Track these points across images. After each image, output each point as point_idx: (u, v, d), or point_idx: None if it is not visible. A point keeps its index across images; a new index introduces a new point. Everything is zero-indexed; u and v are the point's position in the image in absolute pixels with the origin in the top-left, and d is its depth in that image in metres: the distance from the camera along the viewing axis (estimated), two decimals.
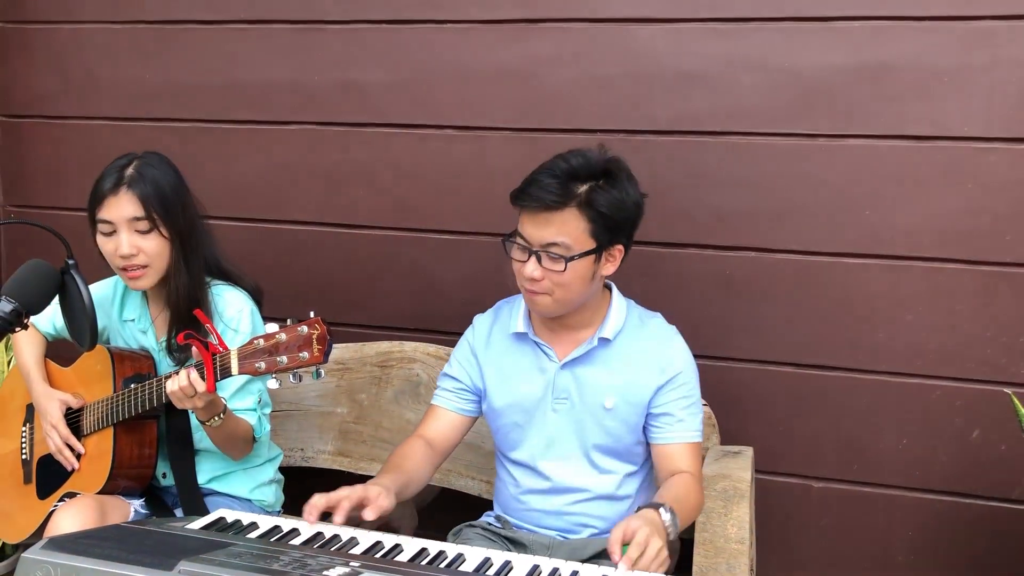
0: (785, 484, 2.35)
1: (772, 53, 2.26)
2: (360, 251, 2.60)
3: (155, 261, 1.97)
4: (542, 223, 1.77)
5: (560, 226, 1.76)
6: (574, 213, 1.76)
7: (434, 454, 1.95)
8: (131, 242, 1.94)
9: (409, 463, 1.88)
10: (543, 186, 1.76)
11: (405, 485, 1.83)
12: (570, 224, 1.76)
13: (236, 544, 1.47)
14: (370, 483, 1.74)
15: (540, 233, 1.77)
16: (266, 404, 2.08)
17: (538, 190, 1.76)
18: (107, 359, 2.01)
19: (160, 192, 1.95)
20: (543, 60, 2.40)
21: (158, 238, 1.95)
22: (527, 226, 1.79)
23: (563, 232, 1.76)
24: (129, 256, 1.95)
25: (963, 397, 2.23)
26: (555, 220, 1.76)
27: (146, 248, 1.95)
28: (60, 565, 1.34)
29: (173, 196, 1.97)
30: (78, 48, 2.79)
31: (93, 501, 1.90)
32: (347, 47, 2.55)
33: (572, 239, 1.76)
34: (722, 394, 2.28)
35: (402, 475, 1.83)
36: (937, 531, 2.27)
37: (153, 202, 1.94)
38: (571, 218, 1.76)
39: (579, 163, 1.79)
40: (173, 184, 1.99)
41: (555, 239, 1.76)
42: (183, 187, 2.02)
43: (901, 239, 2.23)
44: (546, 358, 1.91)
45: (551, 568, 1.52)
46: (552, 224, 1.76)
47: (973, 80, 2.15)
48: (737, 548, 1.86)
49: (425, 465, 1.92)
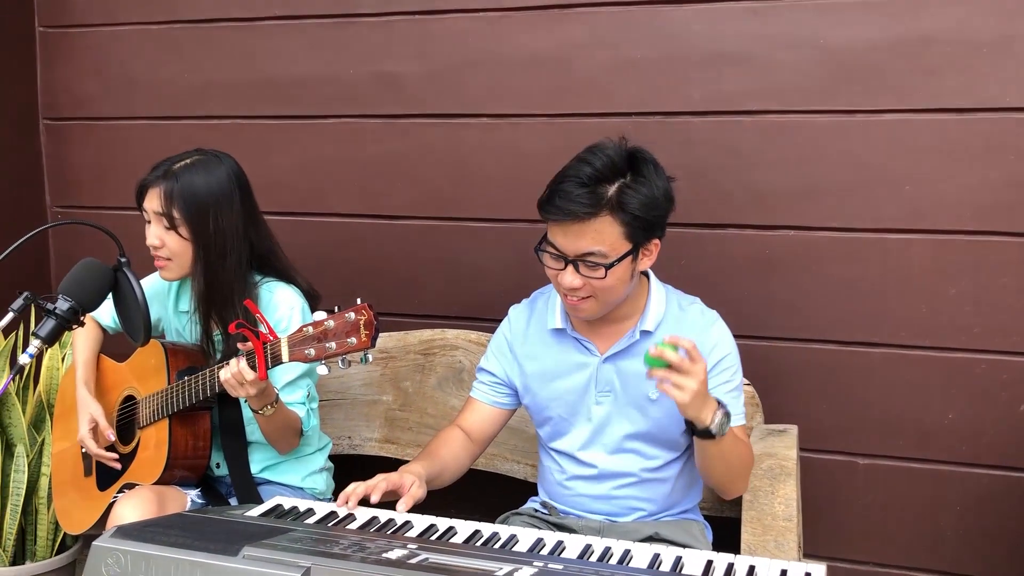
0: (831, 461, 2.35)
1: (807, 30, 2.25)
2: (399, 241, 2.63)
3: (177, 257, 2.01)
4: (575, 234, 1.71)
5: (595, 235, 1.70)
6: (607, 219, 1.70)
7: (472, 444, 1.97)
8: (156, 233, 2.00)
9: (446, 450, 1.91)
10: (571, 197, 1.69)
11: (439, 473, 1.86)
12: (605, 232, 1.70)
13: (296, 530, 1.51)
14: (404, 468, 1.78)
15: (575, 244, 1.71)
16: (314, 399, 2.11)
17: (567, 202, 1.69)
18: (161, 353, 2.06)
19: (188, 195, 1.96)
20: (576, 46, 2.41)
21: (178, 237, 1.99)
22: (559, 236, 1.73)
23: (598, 241, 1.70)
24: (154, 247, 2.00)
25: (1009, 370, 2.21)
26: (588, 230, 1.70)
27: (168, 243, 1.99)
28: (130, 552, 1.38)
29: (205, 202, 1.97)
30: (116, 50, 2.84)
31: (152, 492, 1.95)
32: (381, 39, 2.57)
33: (608, 246, 1.71)
34: (765, 373, 2.29)
35: (437, 462, 1.86)
36: (986, 505, 2.26)
37: (177, 203, 1.96)
38: (605, 225, 1.70)
39: (603, 163, 1.72)
40: (212, 190, 1.98)
41: (591, 248, 1.71)
42: (227, 195, 1.99)
43: (942, 213, 2.21)
44: (587, 352, 1.90)
45: (603, 547, 1.55)
46: (586, 234, 1.70)
47: (1013, 50, 2.12)
48: (785, 526, 1.86)
49: (462, 455, 1.94)
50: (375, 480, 1.72)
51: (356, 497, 1.70)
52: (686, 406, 1.65)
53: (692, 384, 1.62)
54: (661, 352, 1.62)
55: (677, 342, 1.63)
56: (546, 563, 1.41)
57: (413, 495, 1.71)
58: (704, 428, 1.69)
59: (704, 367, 1.65)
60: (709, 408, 1.68)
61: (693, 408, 1.66)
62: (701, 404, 1.66)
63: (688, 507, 1.99)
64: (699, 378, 1.63)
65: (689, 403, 1.64)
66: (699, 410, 1.67)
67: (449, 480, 1.92)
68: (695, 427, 1.70)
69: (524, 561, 1.40)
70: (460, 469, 1.94)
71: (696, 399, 1.64)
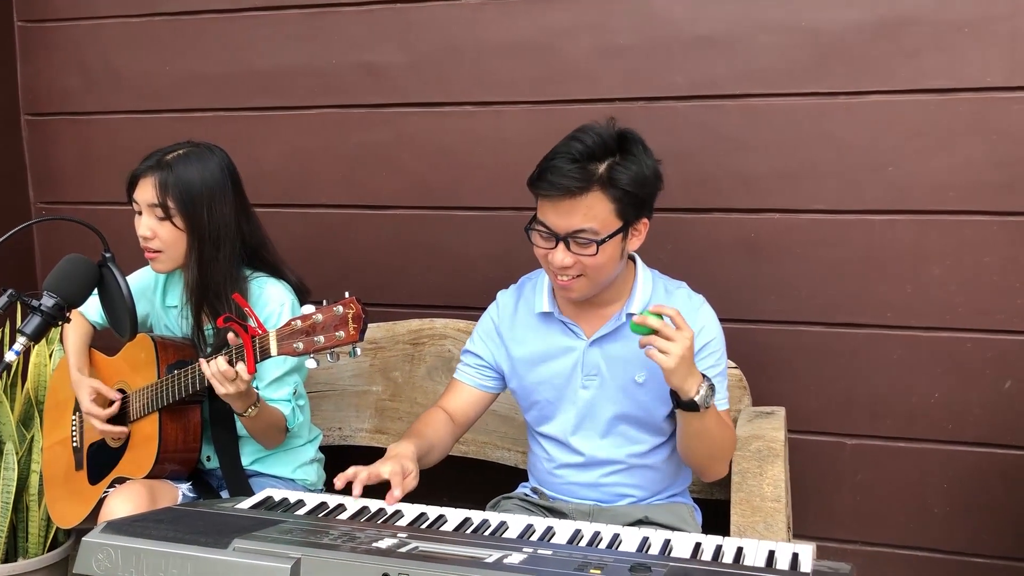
0: (819, 443, 2.37)
1: (788, 13, 2.25)
2: (385, 231, 2.63)
3: (169, 249, 2.00)
4: (566, 210, 1.72)
5: (586, 211, 1.72)
6: (598, 195, 1.72)
7: (455, 427, 1.98)
8: (148, 225, 1.99)
9: (431, 431, 1.91)
10: (563, 172, 1.71)
11: (427, 452, 1.85)
12: (596, 207, 1.72)
13: (286, 521, 1.51)
14: (396, 449, 1.76)
15: (566, 221, 1.73)
16: (301, 396, 2.12)
17: (558, 177, 1.71)
18: (151, 347, 2.06)
19: (184, 185, 1.96)
20: (559, 32, 2.41)
21: (172, 228, 1.98)
22: (549, 214, 1.74)
23: (589, 217, 1.72)
24: (145, 238, 1.99)
25: (994, 349, 2.23)
26: (580, 206, 1.72)
27: (161, 234, 1.98)
28: (120, 547, 1.38)
29: (198, 191, 1.97)
30: (97, 43, 2.82)
31: (143, 486, 1.95)
32: (363, 29, 2.56)
33: (599, 223, 1.73)
34: (752, 356, 2.30)
35: (425, 442, 1.85)
36: (972, 482, 2.28)
37: (172, 193, 1.96)
38: (596, 201, 1.72)
39: (594, 141, 1.73)
40: (206, 180, 1.98)
41: (582, 225, 1.72)
42: (220, 187, 2.00)
43: (926, 194, 2.22)
44: (574, 336, 1.91)
45: (592, 532, 1.56)
46: (577, 210, 1.72)
47: (993, 29, 2.13)
48: (773, 507, 1.88)
49: (447, 436, 1.94)
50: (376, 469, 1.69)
51: (360, 483, 1.67)
52: (671, 372, 1.67)
53: (676, 349, 1.64)
54: (644, 319, 1.66)
55: (661, 310, 1.67)
56: (535, 548, 1.41)
57: (407, 486, 1.70)
58: (689, 399, 1.70)
59: (691, 336, 1.67)
60: (694, 379, 1.70)
61: (678, 376, 1.67)
62: (686, 372, 1.68)
63: (677, 491, 2.01)
64: (684, 344, 1.65)
65: (674, 368, 1.65)
66: (684, 379, 1.68)
67: (434, 461, 1.91)
68: (679, 399, 1.72)
69: (514, 547, 1.40)
70: (445, 450, 1.94)
71: (681, 366, 1.66)
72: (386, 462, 1.71)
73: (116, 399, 2.08)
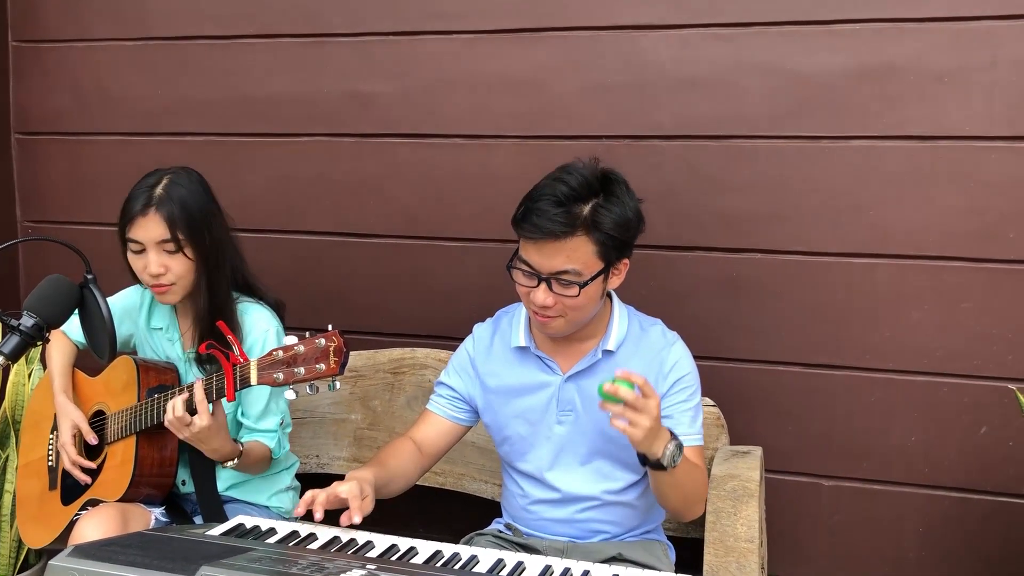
0: (795, 483, 2.37)
1: (774, 57, 2.29)
2: (371, 260, 2.64)
3: (181, 280, 2.01)
4: (550, 252, 1.74)
5: (570, 253, 1.73)
6: (582, 239, 1.73)
7: (422, 457, 1.96)
8: (159, 261, 1.98)
9: (395, 462, 1.90)
10: (548, 216, 1.72)
11: (387, 482, 1.84)
12: (580, 250, 1.73)
13: (255, 549, 1.50)
14: (354, 475, 1.76)
15: (550, 262, 1.74)
16: (288, 425, 2.13)
17: (544, 220, 1.72)
18: (132, 369, 2.06)
19: (187, 213, 1.97)
20: (548, 69, 2.44)
21: (183, 259, 1.99)
22: (532, 254, 1.76)
23: (573, 259, 1.73)
24: (157, 275, 1.99)
25: (970, 394, 2.25)
26: (564, 248, 1.73)
27: (173, 268, 1.99)
28: (87, 572, 1.37)
29: (200, 216, 1.99)
30: (90, 66, 2.83)
31: (115, 509, 1.94)
32: (355, 59, 2.59)
33: (582, 265, 1.74)
34: (731, 395, 2.31)
35: (385, 471, 1.84)
36: (947, 527, 2.29)
37: (180, 224, 1.97)
38: (580, 244, 1.73)
39: (578, 183, 1.75)
40: (200, 204, 2.01)
41: (565, 266, 1.73)
42: (211, 205, 2.03)
43: (905, 239, 2.25)
44: (549, 371, 1.92)
45: (563, 568, 1.55)
46: (561, 252, 1.73)
47: (973, 80, 2.17)
48: (747, 547, 1.88)
49: (411, 467, 1.93)
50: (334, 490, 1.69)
51: (320, 506, 1.67)
52: (639, 442, 1.67)
53: (645, 422, 1.64)
54: (616, 390, 1.62)
55: (630, 378, 1.64)
56: None
57: (364, 508, 1.69)
58: (656, 460, 1.70)
59: (657, 403, 1.66)
60: (661, 441, 1.69)
61: (645, 444, 1.68)
62: (654, 438, 1.68)
63: (651, 527, 2.01)
64: (652, 415, 1.64)
65: (642, 440, 1.66)
66: (651, 444, 1.68)
67: (395, 492, 1.90)
68: (647, 459, 1.72)
69: None
70: (408, 481, 1.93)
71: (649, 435, 1.66)
72: (344, 483, 1.71)
73: (94, 443, 2.07)
